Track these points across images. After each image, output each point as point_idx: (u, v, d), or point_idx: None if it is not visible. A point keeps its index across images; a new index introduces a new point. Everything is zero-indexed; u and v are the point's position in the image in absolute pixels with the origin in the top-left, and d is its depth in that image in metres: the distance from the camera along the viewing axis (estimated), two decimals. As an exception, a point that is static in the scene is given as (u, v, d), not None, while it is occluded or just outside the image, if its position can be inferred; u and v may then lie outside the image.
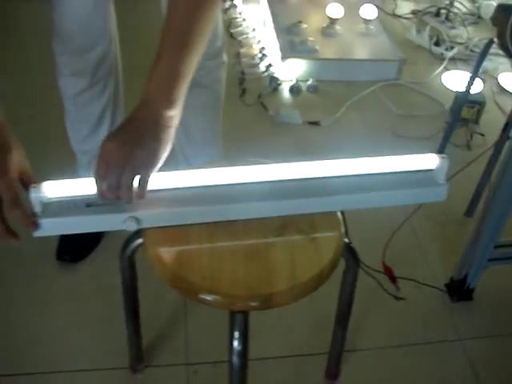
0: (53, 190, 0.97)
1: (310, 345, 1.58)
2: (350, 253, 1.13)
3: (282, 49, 2.58)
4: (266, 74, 2.57)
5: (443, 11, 3.13)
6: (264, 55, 2.68)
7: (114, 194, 0.93)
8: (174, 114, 0.96)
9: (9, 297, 1.64)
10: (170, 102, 0.94)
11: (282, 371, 1.52)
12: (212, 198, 1.02)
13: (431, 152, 1.09)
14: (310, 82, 2.52)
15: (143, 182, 0.93)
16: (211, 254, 1.00)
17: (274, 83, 2.50)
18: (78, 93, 1.58)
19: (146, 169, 0.93)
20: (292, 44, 2.60)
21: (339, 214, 1.10)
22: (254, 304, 0.95)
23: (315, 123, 2.34)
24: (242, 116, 2.34)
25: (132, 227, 0.99)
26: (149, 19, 2.47)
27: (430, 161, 1.08)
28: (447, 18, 3.09)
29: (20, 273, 1.71)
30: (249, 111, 2.39)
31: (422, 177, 1.09)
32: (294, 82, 2.51)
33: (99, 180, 0.93)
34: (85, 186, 0.98)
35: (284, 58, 2.53)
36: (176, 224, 1.02)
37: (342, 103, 2.46)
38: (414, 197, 1.12)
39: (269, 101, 2.45)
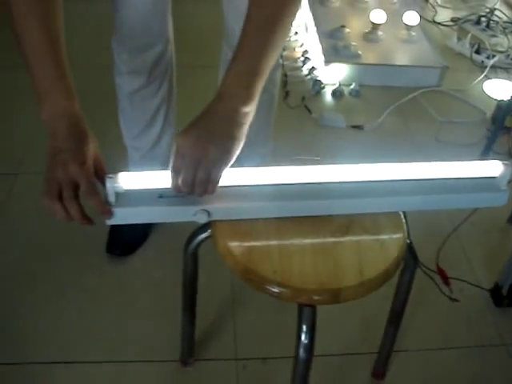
0: (127, 180, 0.99)
1: (358, 344, 1.60)
2: (410, 253, 1.15)
3: (325, 53, 2.60)
4: (308, 77, 2.59)
5: (483, 19, 3.13)
6: (307, 58, 2.70)
7: (188, 189, 0.96)
8: (250, 111, 0.98)
9: (61, 286, 1.68)
10: (247, 99, 0.96)
11: (328, 369, 1.54)
12: (280, 194, 1.04)
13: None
14: (352, 87, 2.53)
15: (215, 178, 0.95)
16: (280, 248, 1.02)
17: (317, 86, 2.52)
18: (135, 91, 1.61)
19: (219, 165, 0.95)
20: (335, 48, 2.62)
21: (402, 215, 1.12)
22: (323, 298, 0.97)
23: (359, 127, 2.36)
24: (286, 118, 2.35)
25: (202, 220, 1.01)
26: (198, 19, 2.51)
27: (492, 167, 1.10)
28: (488, 26, 3.09)
29: (71, 263, 1.75)
30: (293, 113, 2.42)
31: (482, 182, 1.11)
32: (337, 85, 2.53)
33: (175, 174, 0.95)
34: (158, 178, 1.00)
35: (327, 61, 2.55)
36: (245, 218, 1.04)
37: (385, 108, 2.47)
38: (476, 201, 1.13)
39: (311, 104, 2.47)
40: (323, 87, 2.55)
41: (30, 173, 2.04)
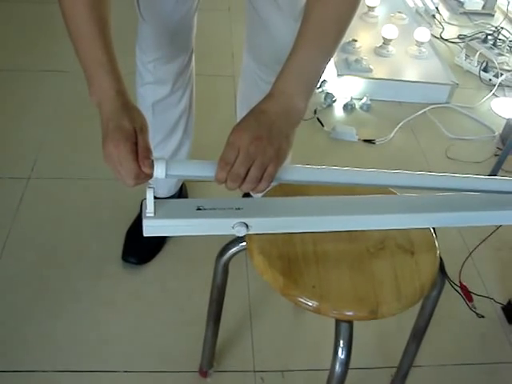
0: (167, 167, 0.93)
1: (374, 358, 1.60)
2: (440, 270, 1.16)
3: (337, 66, 2.61)
4: (319, 89, 2.59)
5: (490, 38, 3.16)
6: (318, 71, 2.70)
7: (235, 184, 0.92)
8: (304, 110, 0.98)
9: (76, 294, 1.67)
10: (303, 97, 0.97)
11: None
12: (318, 208, 1.05)
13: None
14: (364, 101, 2.54)
15: (269, 177, 0.93)
16: (317, 262, 1.03)
17: (328, 99, 2.53)
18: (158, 100, 1.62)
19: (273, 164, 0.93)
20: (347, 62, 2.64)
21: (432, 231, 1.13)
22: (361, 314, 0.98)
23: (370, 141, 2.37)
24: (298, 130, 2.35)
25: (241, 232, 1.01)
26: (204, 28, 2.51)
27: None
28: (494, 45, 3.11)
29: (85, 270, 1.74)
30: (305, 126, 2.42)
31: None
32: (348, 99, 2.54)
33: (224, 165, 0.92)
34: (199, 167, 0.97)
35: (340, 75, 2.57)
36: (283, 232, 1.05)
37: (395, 123, 2.48)
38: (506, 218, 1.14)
39: (323, 116, 2.48)
40: (335, 100, 2.56)
41: (42, 178, 2.03)
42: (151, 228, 0.99)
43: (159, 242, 1.82)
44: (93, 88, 0.98)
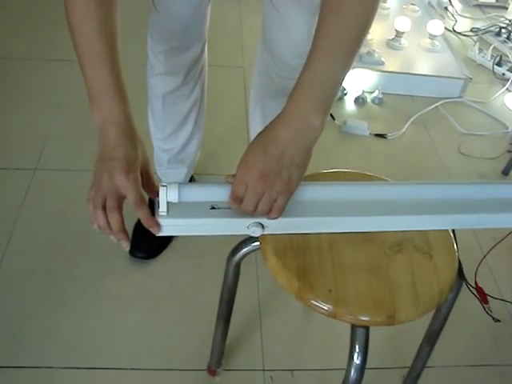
0: (179, 191, 0.95)
1: (387, 358, 1.57)
2: (458, 272, 1.12)
3: (348, 59, 2.56)
4: (330, 82, 2.55)
5: (504, 31, 3.11)
6: (329, 64, 2.66)
7: (249, 214, 0.93)
8: (320, 127, 0.91)
9: (82, 289, 1.64)
10: (319, 113, 0.90)
11: None
12: (335, 208, 1.01)
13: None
14: (375, 94, 2.51)
15: (279, 209, 0.92)
16: (333, 265, 1.00)
17: (340, 92, 2.49)
18: (170, 92, 1.58)
19: (282, 197, 0.91)
20: (359, 54, 2.59)
21: (451, 233, 1.10)
22: (378, 320, 0.95)
23: (382, 136, 2.33)
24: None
25: (257, 233, 0.98)
26: (217, 19, 2.48)
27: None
28: (508, 38, 3.06)
29: (92, 265, 1.71)
30: (316, 119, 2.39)
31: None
32: (360, 92, 2.50)
33: (234, 200, 0.92)
34: (213, 191, 0.96)
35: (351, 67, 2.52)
36: (300, 232, 1.02)
37: (407, 117, 2.45)
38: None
39: (333, 109, 2.43)
40: (346, 93, 2.52)
41: (48, 169, 2.00)
42: (163, 227, 0.96)
43: (167, 237, 1.79)
44: (98, 108, 0.93)
